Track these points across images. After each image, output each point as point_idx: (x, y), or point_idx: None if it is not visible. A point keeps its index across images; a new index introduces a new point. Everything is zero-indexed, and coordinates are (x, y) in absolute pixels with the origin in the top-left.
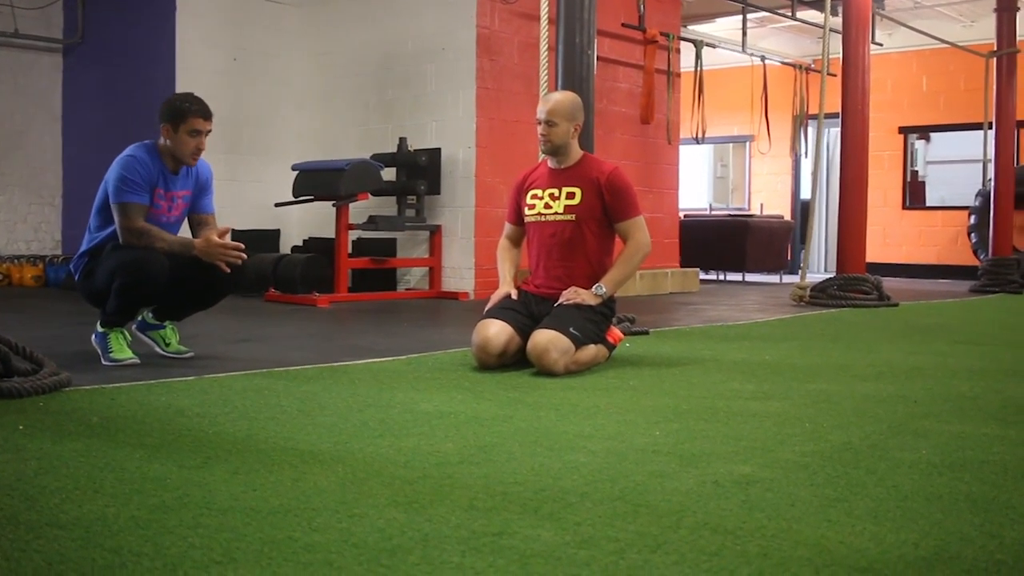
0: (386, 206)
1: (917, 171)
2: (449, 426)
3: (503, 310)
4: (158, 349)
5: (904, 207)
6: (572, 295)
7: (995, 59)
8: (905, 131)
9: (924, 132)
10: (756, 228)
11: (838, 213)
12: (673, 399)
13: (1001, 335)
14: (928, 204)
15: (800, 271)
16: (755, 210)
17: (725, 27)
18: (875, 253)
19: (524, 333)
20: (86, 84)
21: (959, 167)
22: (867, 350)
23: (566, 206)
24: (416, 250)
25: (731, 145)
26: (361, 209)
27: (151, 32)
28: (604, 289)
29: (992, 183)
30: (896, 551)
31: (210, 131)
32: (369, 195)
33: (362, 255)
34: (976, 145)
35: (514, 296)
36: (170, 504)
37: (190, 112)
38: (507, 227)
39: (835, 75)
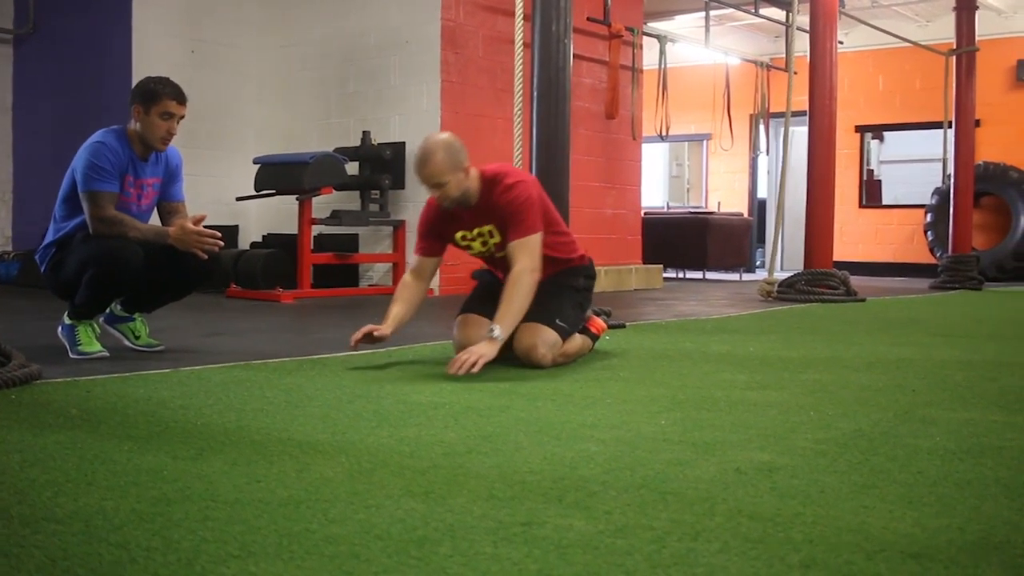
0: (349, 201)
1: (872, 170)
2: (446, 416)
3: (482, 303)
4: (127, 342)
5: (861, 205)
6: (467, 357)
7: (954, 57)
8: (861, 130)
9: (880, 131)
10: (716, 226)
11: (805, 210)
12: (668, 389)
13: (976, 328)
14: (884, 203)
15: (768, 267)
16: (712, 208)
17: (683, 25)
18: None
19: None
20: (38, 76)
21: (914, 166)
22: (849, 342)
23: (495, 244)
24: (379, 246)
25: (687, 144)
26: (322, 204)
27: (106, 22)
28: (498, 332)
29: (952, 180)
30: (943, 536)
31: (183, 117)
32: (333, 189)
33: (323, 251)
34: (930, 144)
35: (384, 334)
36: (172, 497)
37: (163, 94)
38: (416, 260)
39: (796, 72)
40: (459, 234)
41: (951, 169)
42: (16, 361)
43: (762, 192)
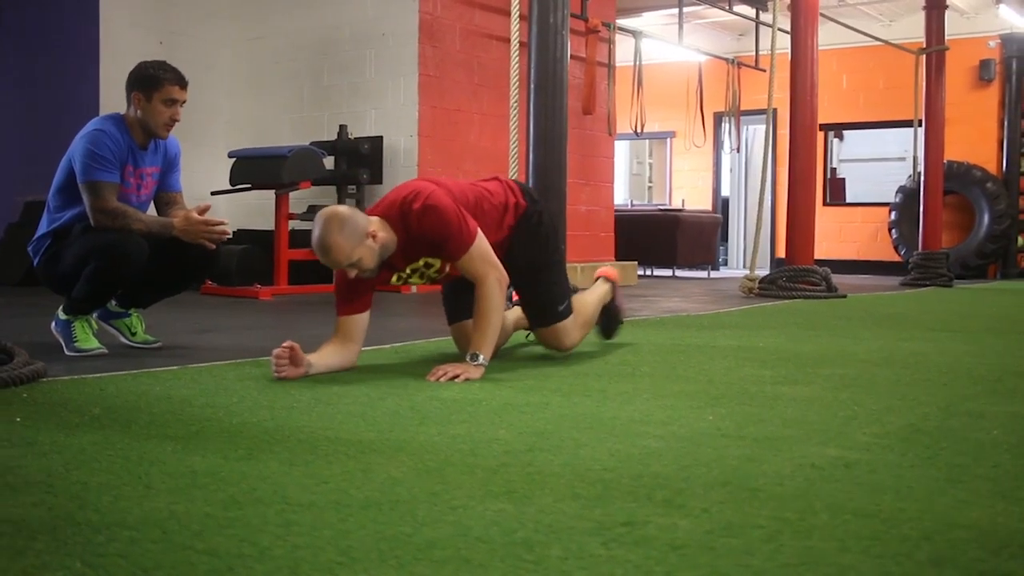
0: (324, 196)
1: (835, 168)
2: (488, 413)
3: (465, 307)
4: (123, 339)
5: (825, 203)
6: (453, 371)
7: (924, 56)
8: (825, 128)
9: (843, 130)
10: (686, 223)
11: (787, 207)
12: (697, 384)
13: (969, 323)
14: (847, 201)
15: (750, 263)
16: (677, 206)
17: (650, 22)
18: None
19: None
20: (2, 68)
21: (875, 164)
22: (852, 337)
23: (436, 271)
24: None
25: (648, 141)
26: (296, 199)
27: (73, 13)
28: (482, 359)
29: (921, 178)
30: None
31: (185, 101)
32: (311, 184)
33: (297, 246)
34: (892, 143)
35: (310, 365)
36: (240, 499)
37: (165, 79)
38: (341, 322)
39: (764, 70)
40: (392, 278)
41: (919, 167)
42: (20, 358)
43: (725, 190)
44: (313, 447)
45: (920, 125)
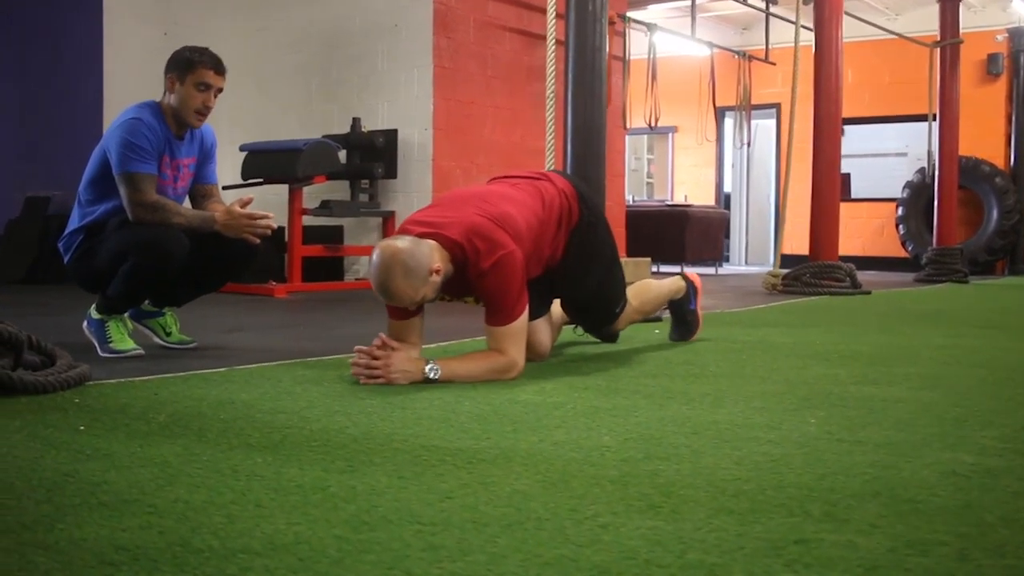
0: (336, 191)
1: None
2: (579, 417)
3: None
4: (157, 339)
5: None
6: (385, 371)
7: (938, 50)
8: None
9: (848, 125)
10: (695, 218)
11: (811, 200)
12: (776, 385)
13: (1012, 320)
14: (854, 196)
15: (774, 260)
16: (679, 201)
17: (654, 16)
18: (801, 245)
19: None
20: (1, 59)
21: (879, 160)
22: (902, 334)
23: (465, 301)
24: (366, 237)
25: (645, 137)
26: (308, 194)
27: (75, 4)
28: (438, 373)
29: (936, 173)
30: None
31: (221, 90)
32: (326, 178)
33: (308, 243)
34: (892, 138)
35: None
36: (367, 519)
37: (199, 62)
38: (393, 326)
39: (774, 64)
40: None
41: (933, 162)
42: (63, 361)
43: (728, 186)
44: (414, 457)
45: (935, 119)
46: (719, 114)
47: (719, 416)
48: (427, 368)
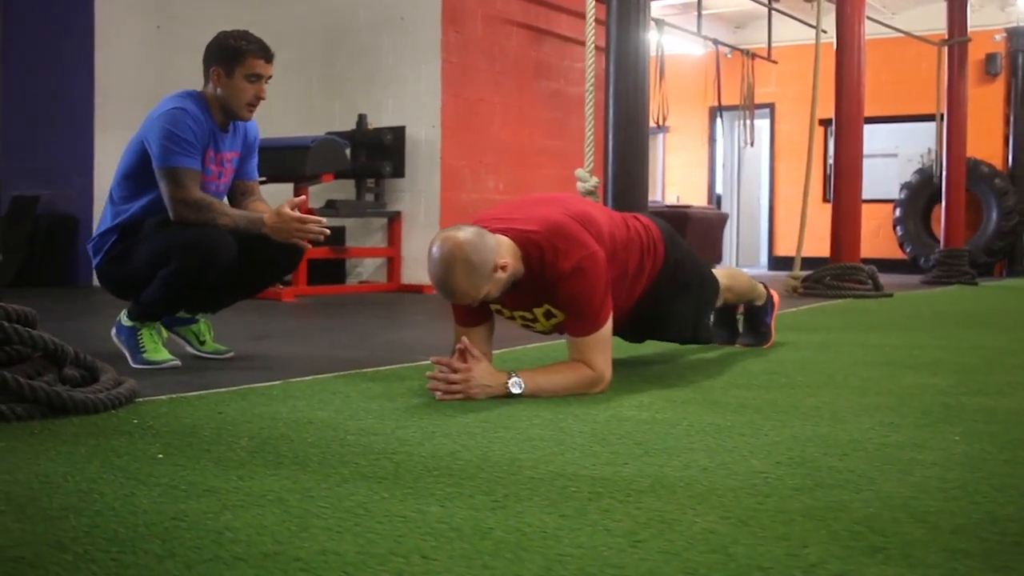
0: (342, 190)
1: (832, 164)
2: (705, 437)
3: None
4: (190, 348)
5: (825, 199)
6: (465, 385)
7: (946, 48)
8: (825, 123)
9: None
10: (695, 220)
11: (832, 201)
12: (882, 397)
13: None
14: None
15: (795, 262)
16: (676, 203)
17: (655, 12)
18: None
19: None
20: None
21: (871, 160)
22: (959, 338)
23: (553, 326)
24: (369, 239)
25: None
26: (313, 193)
27: None
28: (522, 387)
29: (944, 174)
30: None
31: (271, 77)
32: (334, 176)
33: (317, 245)
34: (884, 139)
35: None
36: (568, 573)
37: (248, 51)
38: (458, 330)
39: (776, 62)
40: (493, 306)
41: (940, 162)
42: (107, 375)
43: (719, 187)
44: (560, 489)
45: (942, 119)
46: (711, 114)
47: (852, 433)
48: (510, 382)
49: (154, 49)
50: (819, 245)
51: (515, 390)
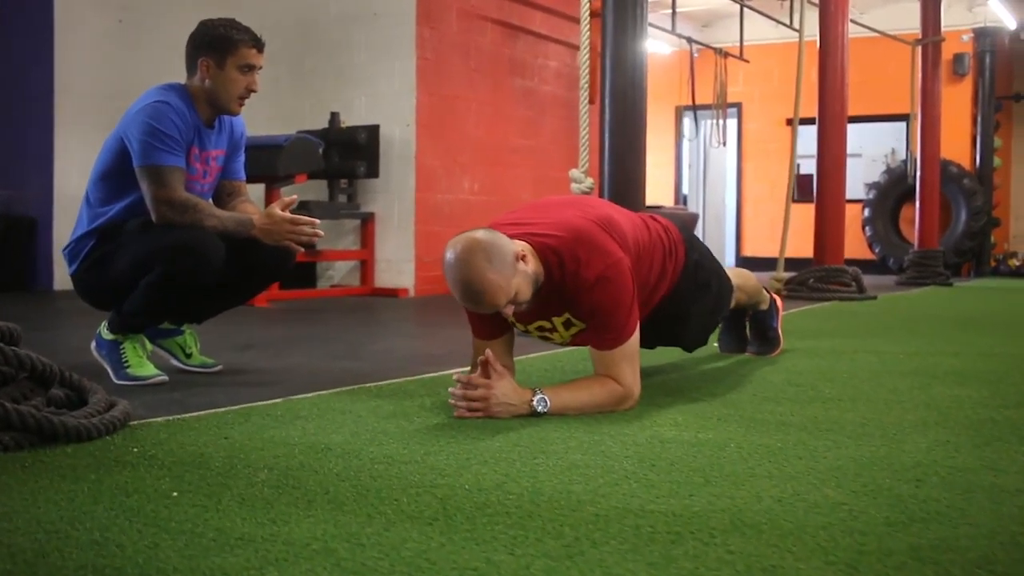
0: (314, 191)
1: (799, 164)
2: (760, 461)
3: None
4: (175, 362)
5: (793, 200)
6: (488, 404)
7: (920, 48)
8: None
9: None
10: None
11: (815, 202)
12: (919, 412)
13: None
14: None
15: (778, 264)
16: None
17: None
18: (761, 247)
19: None
20: None
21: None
22: (965, 343)
23: (572, 337)
24: (341, 241)
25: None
26: (283, 194)
27: None
28: (548, 406)
29: (918, 174)
30: None
31: (261, 68)
32: (307, 177)
33: None
34: (857, 138)
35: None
36: None
37: (239, 41)
38: (477, 343)
39: (748, 61)
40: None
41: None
42: (96, 396)
43: (685, 187)
44: (631, 527)
45: (915, 119)
46: (678, 113)
47: (913, 455)
48: (534, 400)
49: (114, 43)
50: (791, 245)
51: (540, 408)
